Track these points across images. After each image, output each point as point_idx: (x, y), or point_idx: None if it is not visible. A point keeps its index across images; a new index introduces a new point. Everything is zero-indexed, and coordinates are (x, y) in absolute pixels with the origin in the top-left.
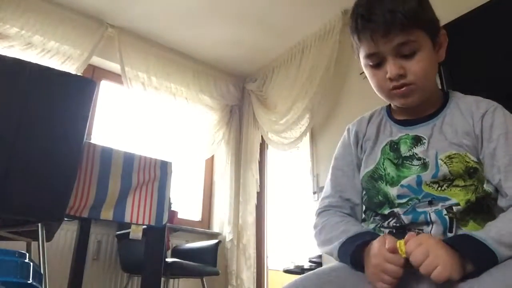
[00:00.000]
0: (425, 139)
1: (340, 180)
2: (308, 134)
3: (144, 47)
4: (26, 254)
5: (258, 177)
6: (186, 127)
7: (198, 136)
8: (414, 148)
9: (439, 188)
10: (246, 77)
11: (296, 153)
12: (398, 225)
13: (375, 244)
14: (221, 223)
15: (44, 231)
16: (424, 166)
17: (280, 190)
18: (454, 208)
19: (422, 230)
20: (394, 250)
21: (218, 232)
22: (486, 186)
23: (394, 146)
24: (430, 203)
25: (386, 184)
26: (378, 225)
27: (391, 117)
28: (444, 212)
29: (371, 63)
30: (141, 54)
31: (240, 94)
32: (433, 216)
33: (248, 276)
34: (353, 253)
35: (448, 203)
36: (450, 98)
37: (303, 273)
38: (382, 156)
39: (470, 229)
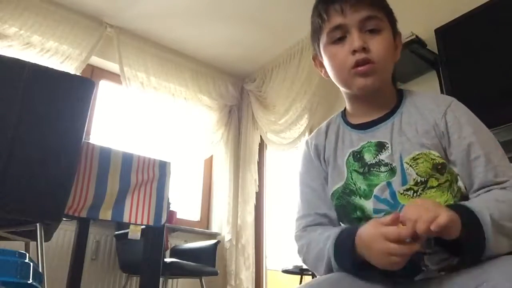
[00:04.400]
0: (387, 143)
1: (311, 196)
2: (306, 134)
3: (143, 47)
4: (26, 254)
5: (257, 177)
6: (185, 127)
7: (197, 136)
8: (379, 154)
9: (415, 195)
10: (245, 77)
11: (295, 153)
12: None
13: (367, 227)
14: (220, 223)
15: (42, 231)
16: (392, 171)
17: (279, 190)
18: None
19: None
20: (391, 223)
21: (217, 232)
22: (459, 183)
23: (357, 155)
24: None
25: (360, 198)
26: None
27: (347, 123)
28: None
29: (333, 39)
30: (140, 54)
31: (239, 94)
32: None
33: (247, 276)
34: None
35: None
36: (404, 96)
37: (301, 273)
38: (348, 170)
39: None
